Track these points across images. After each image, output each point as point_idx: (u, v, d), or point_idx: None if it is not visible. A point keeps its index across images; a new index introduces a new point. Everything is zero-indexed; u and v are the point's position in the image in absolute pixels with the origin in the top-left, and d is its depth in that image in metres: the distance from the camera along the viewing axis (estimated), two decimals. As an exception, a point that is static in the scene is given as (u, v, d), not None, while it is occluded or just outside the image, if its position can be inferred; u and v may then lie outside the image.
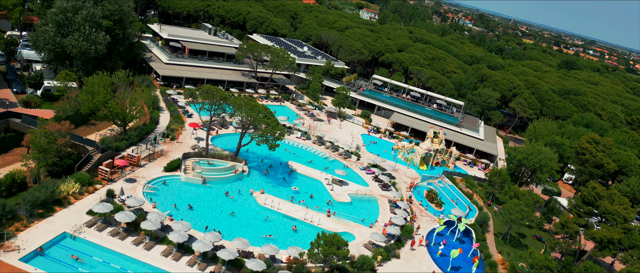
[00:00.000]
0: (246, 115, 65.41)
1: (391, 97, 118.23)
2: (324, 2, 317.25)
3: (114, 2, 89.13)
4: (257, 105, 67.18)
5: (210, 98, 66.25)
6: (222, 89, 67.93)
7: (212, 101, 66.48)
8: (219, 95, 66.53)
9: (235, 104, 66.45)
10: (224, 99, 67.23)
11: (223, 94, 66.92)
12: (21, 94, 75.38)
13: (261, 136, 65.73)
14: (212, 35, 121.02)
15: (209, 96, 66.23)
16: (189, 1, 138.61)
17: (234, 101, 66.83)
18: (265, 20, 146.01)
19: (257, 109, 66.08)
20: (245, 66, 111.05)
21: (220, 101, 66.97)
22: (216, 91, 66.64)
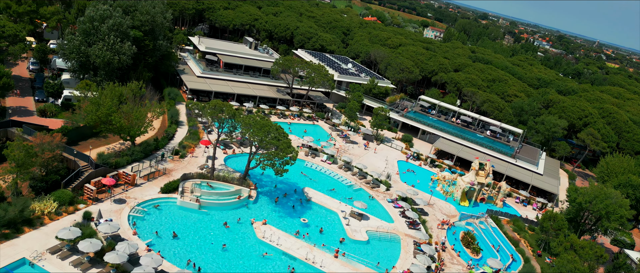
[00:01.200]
0: (251, 135, 58.93)
1: (438, 121, 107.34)
2: (385, 20, 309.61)
3: (146, 13, 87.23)
4: (268, 124, 60.55)
5: (217, 114, 60.64)
6: (231, 105, 62.13)
7: (220, 118, 60.80)
8: (227, 111, 60.74)
9: (243, 122, 60.26)
10: (233, 116, 61.36)
11: (231, 111, 61.04)
12: (42, 103, 74.34)
13: (267, 159, 58.85)
14: (252, 49, 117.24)
15: (216, 111, 60.64)
16: (236, 15, 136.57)
17: (243, 119, 60.67)
18: (313, 36, 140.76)
19: (266, 129, 59.43)
20: (282, 82, 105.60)
21: (228, 117, 61.15)
22: (224, 107, 60.92)
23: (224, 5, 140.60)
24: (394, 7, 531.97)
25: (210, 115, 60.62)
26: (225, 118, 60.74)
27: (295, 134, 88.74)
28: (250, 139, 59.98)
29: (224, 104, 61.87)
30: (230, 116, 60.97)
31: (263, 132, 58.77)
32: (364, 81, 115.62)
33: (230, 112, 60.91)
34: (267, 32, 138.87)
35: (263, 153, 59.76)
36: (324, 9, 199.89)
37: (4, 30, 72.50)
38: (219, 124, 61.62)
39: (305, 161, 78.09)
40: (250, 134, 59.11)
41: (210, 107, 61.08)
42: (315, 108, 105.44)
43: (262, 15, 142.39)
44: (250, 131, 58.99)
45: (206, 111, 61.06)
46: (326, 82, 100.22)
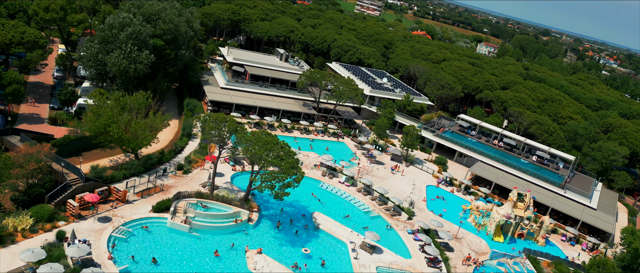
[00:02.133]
0: (250, 152, 53.73)
1: (478, 143, 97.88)
2: (435, 34, 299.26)
3: (169, 22, 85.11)
4: (272, 142, 55.13)
5: (217, 128, 56.05)
6: (234, 119, 57.37)
7: (221, 133, 56.15)
8: (228, 126, 56.00)
9: (243, 138, 55.22)
10: (235, 131, 56.53)
11: (233, 125, 56.22)
12: (57, 110, 73.19)
13: (265, 181, 53.34)
14: (283, 61, 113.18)
15: (217, 125, 56.08)
16: (272, 26, 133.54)
17: (243, 135, 55.64)
18: (350, 49, 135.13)
19: (268, 147, 54.04)
20: (310, 96, 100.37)
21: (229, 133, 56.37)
22: (226, 120, 56.24)
23: (261, 16, 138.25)
24: (448, 22, 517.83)
25: (210, 129, 56.09)
26: (225, 133, 55.92)
27: (315, 151, 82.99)
28: (248, 158, 54.77)
29: (226, 117, 57.22)
30: (231, 131, 56.18)
31: (264, 150, 53.42)
32: (398, 97, 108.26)
33: (232, 126, 56.13)
34: (302, 44, 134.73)
35: (263, 174, 54.32)
36: (367, 22, 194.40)
37: (23, 36, 72.18)
38: (220, 139, 56.90)
39: (321, 181, 72.01)
40: (249, 151, 53.92)
41: (211, 120, 56.61)
42: (343, 124, 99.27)
43: (299, 27, 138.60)
44: (250, 149, 53.80)
45: (207, 124, 56.64)
46: (354, 96, 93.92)
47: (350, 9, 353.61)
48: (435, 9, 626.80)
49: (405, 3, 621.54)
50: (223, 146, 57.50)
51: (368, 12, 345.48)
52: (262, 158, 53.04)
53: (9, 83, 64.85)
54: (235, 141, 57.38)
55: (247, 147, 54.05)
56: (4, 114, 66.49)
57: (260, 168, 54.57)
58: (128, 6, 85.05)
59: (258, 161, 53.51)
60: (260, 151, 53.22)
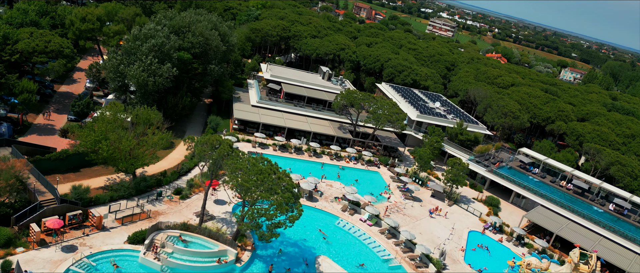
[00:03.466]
0: (234, 183, 46.09)
1: (541, 184, 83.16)
2: (512, 57, 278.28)
3: (199, 35, 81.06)
4: (267, 171, 47.17)
5: (206, 152, 49.25)
6: (228, 142, 50.26)
7: (209, 156, 49.25)
8: (220, 150, 48.96)
9: (231, 165, 47.78)
10: (227, 156, 49.37)
11: (225, 150, 49.07)
12: (74, 122, 70.87)
13: (249, 218, 45.23)
14: (325, 79, 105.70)
15: (206, 149, 49.30)
16: (321, 43, 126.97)
17: (233, 161, 48.20)
18: (405, 69, 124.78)
19: (260, 177, 46.13)
20: (348, 118, 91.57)
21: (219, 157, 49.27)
22: (216, 143, 49.31)
23: (312, 33, 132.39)
24: (531, 45, 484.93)
25: (198, 152, 49.39)
26: (214, 157, 48.87)
27: (343, 180, 73.83)
28: (232, 189, 47.13)
29: (218, 139, 50.26)
30: (223, 155, 49.04)
31: (254, 181, 45.56)
32: (449, 124, 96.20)
33: (224, 150, 48.98)
34: (352, 63, 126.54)
35: (252, 209, 46.31)
36: (431, 42, 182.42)
37: (47, 45, 71.03)
38: (212, 164, 49.97)
39: (339, 218, 62.67)
40: (233, 181, 46.33)
41: (201, 142, 49.95)
42: (382, 151, 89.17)
43: (351, 45, 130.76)
44: (235, 178, 46.20)
45: (197, 147, 50.05)
46: (395, 121, 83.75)
47: (421, 29, 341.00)
48: (518, 32, 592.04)
49: (485, 25, 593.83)
50: (215, 172, 50.54)
51: (440, 33, 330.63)
52: (248, 190, 45.19)
53: (20, 92, 62.97)
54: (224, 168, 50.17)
55: (233, 176, 46.50)
56: (15, 123, 64.76)
57: (249, 202, 46.70)
58: (159, 18, 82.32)
59: (244, 193, 45.73)
60: (250, 181, 45.43)
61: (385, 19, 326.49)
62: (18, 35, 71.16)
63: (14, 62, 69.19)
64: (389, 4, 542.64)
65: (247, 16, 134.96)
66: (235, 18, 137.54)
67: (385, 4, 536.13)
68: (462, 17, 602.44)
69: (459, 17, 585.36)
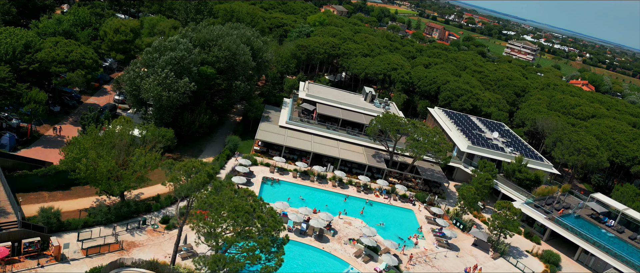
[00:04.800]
0: (195, 225, 38.48)
1: (616, 240, 67.42)
2: (602, 85, 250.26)
3: (226, 49, 76.10)
4: (242, 207, 39.23)
5: (179, 179, 42.38)
6: (207, 172, 43.05)
7: (182, 186, 42.28)
8: (196, 178, 41.86)
9: (202, 200, 40.33)
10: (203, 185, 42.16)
11: (201, 180, 41.88)
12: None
13: (211, 268, 37.21)
14: (367, 101, 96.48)
15: (179, 176, 42.46)
16: (372, 62, 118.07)
17: (206, 195, 40.76)
18: (465, 94, 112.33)
19: (233, 215, 38.30)
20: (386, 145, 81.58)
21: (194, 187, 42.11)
22: (192, 170, 42.30)
23: (364, 52, 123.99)
24: (628, 73, 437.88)
25: (171, 180, 42.61)
26: (186, 187, 41.77)
27: (367, 218, 63.95)
28: (193, 230, 39.44)
29: (196, 165, 43.22)
30: (199, 184, 41.87)
31: (224, 220, 37.78)
32: (507, 159, 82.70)
33: (200, 179, 41.81)
34: (404, 84, 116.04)
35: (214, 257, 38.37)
36: (501, 65, 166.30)
37: (68, 55, 69.18)
38: (186, 194, 42.98)
39: (350, 265, 52.96)
40: (193, 223, 38.75)
41: (177, 168, 43.21)
42: (422, 185, 77.92)
43: (405, 65, 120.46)
44: (198, 218, 38.64)
45: (172, 172, 43.34)
46: (436, 152, 72.48)
47: (498, 52, 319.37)
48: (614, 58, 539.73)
49: (575, 49, 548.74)
50: (191, 203, 43.50)
51: (518, 56, 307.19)
52: (211, 234, 37.45)
53: (28, 102, 60.80)
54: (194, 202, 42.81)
55: (197, 216, 38.99)
56: (22, 133, 62.72)
57: (213, 247, 38.88)
58: (185, 31, 78.58)
59: (207, 238, 38.01)
60: (217, 222, 37.73)
61: (458, 40, 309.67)
62: (42, 44, 70.11)
63: (32, 71, 67.91)
64: (466, 26, 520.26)
65: (298, 33, 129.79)
66: (286, 35, 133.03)
67: (463, 25, 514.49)
68: (548, 41, 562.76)
69: (544, 41, 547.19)
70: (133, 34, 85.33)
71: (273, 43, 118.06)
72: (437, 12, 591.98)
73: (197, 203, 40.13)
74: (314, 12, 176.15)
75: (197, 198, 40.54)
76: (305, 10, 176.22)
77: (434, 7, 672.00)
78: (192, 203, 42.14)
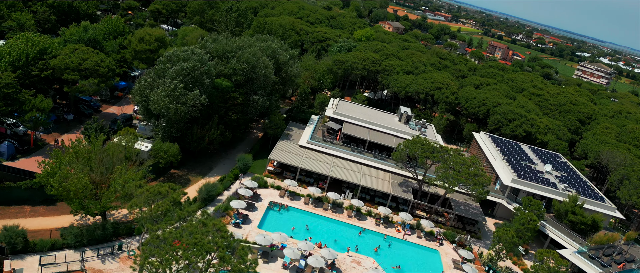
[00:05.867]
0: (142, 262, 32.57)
1: (695, 308, 54.25)
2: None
3: (245, 61, 71.41)
4: (202, 245, 33.05)
5: (138, 206, 36.94)
6: (174, 197, 37.33)
7: (143, 214, 36.79)
8: (163, 203, 36.25)
9: (153, 233, 34.48)
10: (164, 215, 36.44)
11: (162, 208, 36.18)
12: (92, 146, 65.21)
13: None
14: (402, 122, 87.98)
15: (138, 202, 37.03)
16: (414, 80, 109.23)
17: (156, 228, 34.89)
18: (518, 118, 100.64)
19: (187, 254, 32.21)
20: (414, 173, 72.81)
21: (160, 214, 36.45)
22: (155, 195, 36.74)
23: (407, 69, 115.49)
24: None
25: (130, 206, 37.24)
26: (145, 215, 36.21)
27: (380, 257, 55.63)
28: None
29: (164, 191, 37.63)
30: (163, 211, 36.20)
31: (167, 262, 31.70)
32: (559, 197, 71.05)
33: (165, 206, 36.16)
34: (448, 105, 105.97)
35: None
36: (566, 88, 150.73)
37: (83, 62, 67.18)
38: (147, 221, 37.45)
39: (348, 316, 45.02)
40: (140, 262, 32.86)
41: (138, 192, 37.86)
42: (454, 221, 68.20)
43: (452, 85, 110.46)
44: (144, 257, 32.74)
45: (139, 199, 38.00)
46: (472, 186, 62.81)
47: (568, 74, 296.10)
48: None
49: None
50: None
51: (590, 79, 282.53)
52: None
53: (30, 109, 58.79)
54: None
55: (145, 251, 33.15)
56: (24, 141, 60.75)
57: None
58: (204, 41, 74.83)
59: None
60: (166, 260, 31.71)
61: (522, 61, 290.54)
62: (59, 51, 68.77)
63: (44, 78, 66.44)
64: (535, 46, 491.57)
65: (338, 48, 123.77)
66: (327, 50, 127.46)
67: (532, 46, 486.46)
68: (628, 64, 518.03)
69: (623, 64, 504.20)
70: (158, 43, 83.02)
71: (309, 57, 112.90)
72: (504, 31, 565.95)
73: (149, 236, 34.38)
74: (363, 27, 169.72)
75: (150, 230, 34.82)
76: (354, 25, 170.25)
77: (502, 26, 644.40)
78: (142, 237, 36.62)
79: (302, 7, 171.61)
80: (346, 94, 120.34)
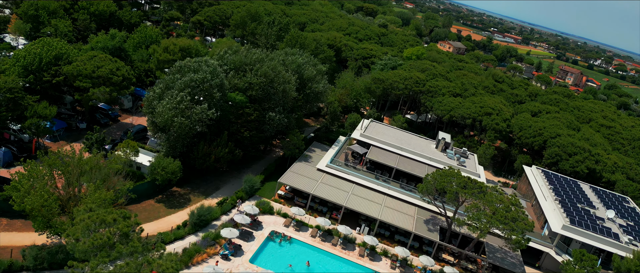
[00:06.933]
0: None
1: None
2: None
3: (262, 75, 66.29)
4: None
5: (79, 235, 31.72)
6: (118, 229, 31.78)
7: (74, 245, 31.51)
8: (94, 240, 30.82)
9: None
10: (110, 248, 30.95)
11: (99, 241, 30.71)
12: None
13: None
14: (439, 149, 78.65)
15: (76, 231, 31.83)
16: (461, 103, 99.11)
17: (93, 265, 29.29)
18: (580, 152, 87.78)
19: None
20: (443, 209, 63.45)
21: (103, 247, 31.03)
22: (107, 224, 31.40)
23: (454, 91, 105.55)
24: None
25: (66, 235, 32.13)
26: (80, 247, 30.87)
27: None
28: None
29: (111, 219, 32.19)
30: (99, 245, 30.74)
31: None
32: (622, 251, 58.76)
33: (102, 239, 30.69)
34: (497, 133, 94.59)
35: None
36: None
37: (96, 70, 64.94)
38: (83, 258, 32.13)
39: None
40: None
41: (80, 218, 32.71)
42: (488, 270, 57.94)
43: (503, 110, 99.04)
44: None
45: (76, 227, 32.85)
46: (508, 232, 52.80)
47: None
48: None
49: None
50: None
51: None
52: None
53: (32, 115, 56.69)
54: None
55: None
56: (25, 148, 58.73)
57: None
58: (222, 52, 70.59)
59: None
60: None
61: (596, 88, 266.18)
62: (75, 57, 67.19)
63: (55, 84, 64.79)
64: (615, 72, 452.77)
65: (382, 65, 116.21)
66: (370, 67, 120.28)
67: (611, 72, 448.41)
68: None
69: None
70: (182, 53, 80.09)
71: (348, 74, 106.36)
72: (580, 55, 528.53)
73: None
74: (415, 45, 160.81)
75: (74, 268, 29.36)
76: (405, 43, 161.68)
77: (578, 50, 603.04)
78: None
79: (353, 23, 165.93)
80: (386, 114, 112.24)
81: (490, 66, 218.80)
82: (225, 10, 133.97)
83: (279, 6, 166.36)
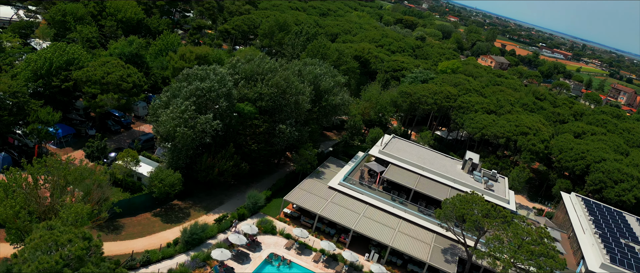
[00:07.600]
0: None
1: None
2: None
3: (274, 86, 62.91)
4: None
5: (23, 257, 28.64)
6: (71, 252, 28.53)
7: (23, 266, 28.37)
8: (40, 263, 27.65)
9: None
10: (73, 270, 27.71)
11: (46, 265, 27.49)
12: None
13: None
14: (465, 171, 72.34)
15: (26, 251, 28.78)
16: (493, 121, 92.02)
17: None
18: (628, 180, 79.17)
19: None
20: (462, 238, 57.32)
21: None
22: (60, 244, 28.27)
23: (488, 107, 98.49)
24: None
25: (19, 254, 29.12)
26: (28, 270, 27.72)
27: None
28: None
29: (66, 239, 29.01)
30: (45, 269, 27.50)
31: None
32: (672, 299, 50.70)
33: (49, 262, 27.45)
34: (534, 155, 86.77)
35: None
36: None
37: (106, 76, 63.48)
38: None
39: None
40: None
41: (31, 237, 29.67)
42: (510, 312, 51.28)
43: (542, 130, 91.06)
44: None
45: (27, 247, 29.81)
46: (534, 268, 46.35)
47: None
48: None
49: None
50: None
51: None
52: None
53: (33, 121, 55.47)
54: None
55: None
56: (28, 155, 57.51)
57: None
58: (235, 61, 67.72)
59: None
60: None
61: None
62: (88, 62, 66.11)
63: (64, 89, 63.72)
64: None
65: (412, 79, 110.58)
66: (399, 80, 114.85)
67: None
68: None
69: None
70: (198, 61, 77.94)
71: (374, 87, 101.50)
72: (635, 73, 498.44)
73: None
74: (451, 58, 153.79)
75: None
76: (442, 56, 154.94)
77: (634, 68, 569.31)
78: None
79: (386, 34, 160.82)
80: (414, 130, 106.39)
81: (534, 82, 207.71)
82: (254, 19, 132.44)
83: (312, 17, 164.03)
